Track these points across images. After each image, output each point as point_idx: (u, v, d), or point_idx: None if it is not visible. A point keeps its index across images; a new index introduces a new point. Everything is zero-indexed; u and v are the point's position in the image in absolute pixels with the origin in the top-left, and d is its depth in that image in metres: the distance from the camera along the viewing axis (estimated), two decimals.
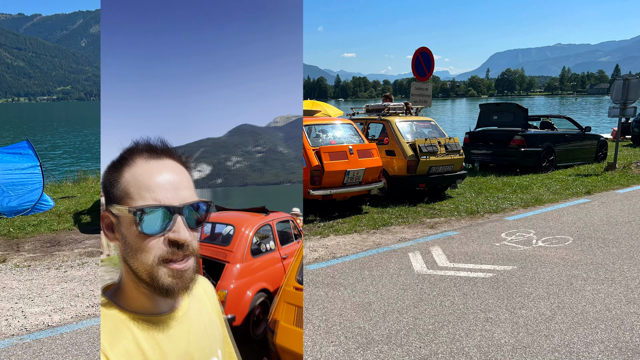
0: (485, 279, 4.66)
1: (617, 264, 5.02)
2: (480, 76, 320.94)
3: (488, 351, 3.27)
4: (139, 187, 0.88)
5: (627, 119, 17.44)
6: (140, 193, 0.88)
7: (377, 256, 5.42)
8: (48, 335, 3.64)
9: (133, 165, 0.90)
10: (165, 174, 0.90)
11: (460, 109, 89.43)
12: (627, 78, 10.88)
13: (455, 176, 8.55)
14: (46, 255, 5.73)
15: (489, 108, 12.59)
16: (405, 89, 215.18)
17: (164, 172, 0.91)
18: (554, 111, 65.51)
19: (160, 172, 0.90)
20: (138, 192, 0.88)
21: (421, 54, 10.97)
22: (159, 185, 0.89)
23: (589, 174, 10.81)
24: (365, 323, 3.72)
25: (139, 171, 0.90)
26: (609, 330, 3.54)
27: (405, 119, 8.65)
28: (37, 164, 8.08)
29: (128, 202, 0.88)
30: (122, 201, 0.89)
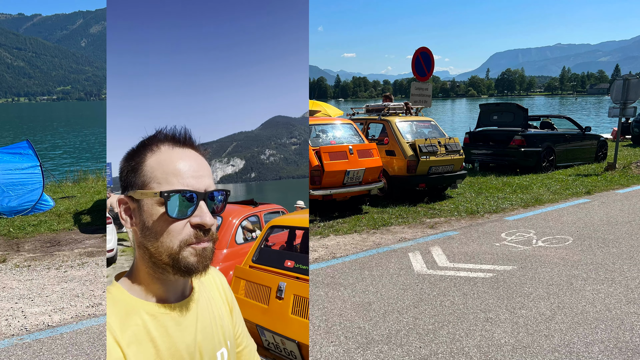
0: (485, 279, 4.65)
1: (617, 264, 5.02)
2: (480, 76, 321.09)
3: (488, 351, 3.27)
4: (165, 173, 0.91)
5: (627, 119, 17.44)
6: (167, 178, 0.91)
7: (377, 256, 5.42)
8: (48, 335, 3.64)
9: (157, 151, 0.94)
10: (190, 161, 0.94)
11: (460, 109, 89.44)
12: (627, 78, 10.88)
13: (455, 176, 8.54)
14: (46, 255, 5.73)
15: (489, 108, 12.58)
16: (405, 89, 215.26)
17: (188, 159, 0.94)
18: (554, 111, 65.53)
19: (185, 159, 0.94)
20: (165, 177, 0.91)
21: (421, 54, 10.97)
22: (185, 171, 0.92)
23: (589, 174, 10.81)
24: (365, 323, 3.72)
25: (164, 157, 0.93)
26: (609, 330, 3.54)
27: (405, 119, 8.65)
28: (37, 164, 8.08)
29: (153, 187, 0.91)
30: (145, 186, 0.92)
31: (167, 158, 0.93)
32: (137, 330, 0.91)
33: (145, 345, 0.91)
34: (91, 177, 12.24)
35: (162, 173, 0.91)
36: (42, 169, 8.11)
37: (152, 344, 0.92)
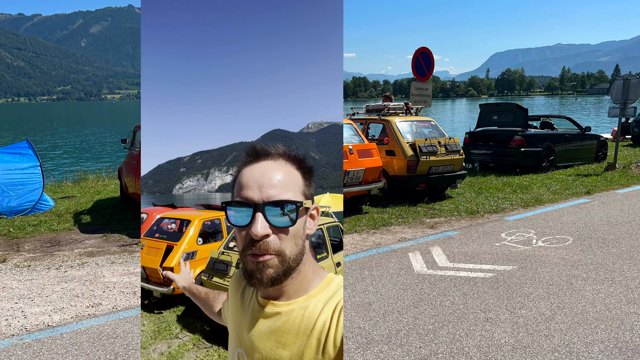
0: (485, 279, 4.65)
1: (617, 264, 5.02)
2: (480, 76, 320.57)
3: (488, 351, 3.27)
4: (235, 186, 1.02)
5: (627, 119, 17.44)
6: (235, 190, 1.01)
7: (377, 256, 5.42)
8: (48, 335, 3.64)
9: (240, 169, 1.05)
10: (254, 173, 0.99)
11: (460, 109, 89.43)
12: (627, 78, 10.88)
13: (455, 176, 8.54)
14: (46, 255, 5.73)
15: (489, 108, 12.58)
16: (405, 89, 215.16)
17: (254, 172, 1.00)
18: (554, 111, 65.51)
19: (251, 172, 1.00)
20: (235, 190, 1.02)
21: (421, 54, 10.96)
22: (244, 183, 0.99)
23: (589, 174, 10.81)
24: (365, 323, 3.72)
25: (242, 171, 1.03)
26: (609, 330, 3.54)
27: (405, 119, 8.65)
28: (37, 164, 8.08)
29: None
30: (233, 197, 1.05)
31: (241, 174, 1.02)
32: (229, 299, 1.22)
33: (226, 313, 1.26)
34: (91, 177, 12.24)
35: (236, 185, 1.02)
36: (42, 169, 8.11)
37: (228, 314, 1.22)
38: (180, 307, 4.47)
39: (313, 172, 1.06)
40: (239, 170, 1.04)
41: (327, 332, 0.99)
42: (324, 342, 0.99)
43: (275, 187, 0.97)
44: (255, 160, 1.02)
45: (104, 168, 13.70)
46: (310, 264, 1.06)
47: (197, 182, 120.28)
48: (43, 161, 8.52)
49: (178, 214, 5.07)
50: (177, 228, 4.91)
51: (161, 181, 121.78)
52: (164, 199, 17.88)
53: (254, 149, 1.04)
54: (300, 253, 1.00)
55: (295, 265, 1.00)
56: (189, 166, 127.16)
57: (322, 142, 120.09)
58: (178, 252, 4.44)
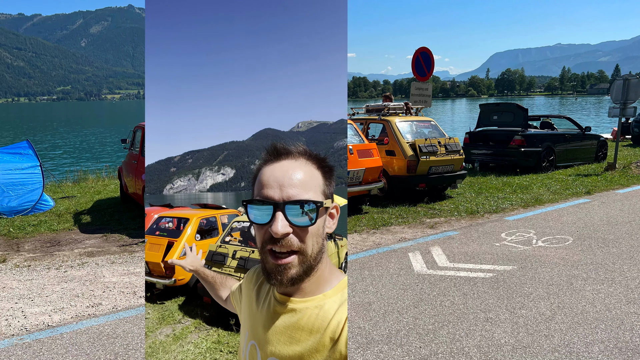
0: (485, 279, 4.65)
1: (617, 264, 5.02)
2: (480, 76, 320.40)
3: (488, 351, 3.27)
4: (255, 185, 1.03)
5: (627, 119, 17.43)
6: (255, 189, 1.03)
7: (377, 256, 5.42)
8: (48, 335, 3.64)
9: (261, 167, 1.05)
10: (275, 173, 1.00)
11: (460, 109, 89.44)
12: (627, 78, 10.88)
13: (455, 176, 8.54)
14: (46, 255, 5.73)
15: (489, 108, 12.58)
16: (405, 89, 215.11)
17: (275, 171, 1.00)
18: (554, 111, 65.51)
19: (272, 171, 1.00)
20: (255, 188, 1.03)
21: (421, 54, 10.96)
22: (265, 182, 0.99)
23: (589, 174, 10.81)
24: (365, 323, 3.72)
25: (262, 170, 1.03)
26: (609, 330, 3.54)
27: (405, 119, 8.65)
28: (37, 164, 8.08)
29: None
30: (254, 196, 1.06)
31: (261, 173, 1.02)
32: (240, 288, 1.30)
33: (238, 300, 1.30)
34: (91, 177, 12.24)
35: (256, 183, 1.03)
36: (42, 169, 8.11)
37: (242, 304, 1.26)
38: (181, 297, 4.70)
39: (334, 171, 1.06)
40: (260, 168, 1.04)
41: (340, 333, 1.00)
42: (335, 341, 1.00)
43: (295, 186, 0.98)
44: (276, 159, 1.03)
45: (104, 168, 13.70)
46: (327, 263, 1.08)
47: (188, 182, 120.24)
48: (43, 161, 8.52)
49: (176, 213, 5.30)
50: (175, 226, 5.16)
51: (151, 181, 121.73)
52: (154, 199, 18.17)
53: (274, 148, 1.04)
54: (320, 251, 1.02)
55: (316, 263, 1.02)
56: (180, 166, 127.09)
57: (312, 140, 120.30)
58: (179, 248, 4.69)
